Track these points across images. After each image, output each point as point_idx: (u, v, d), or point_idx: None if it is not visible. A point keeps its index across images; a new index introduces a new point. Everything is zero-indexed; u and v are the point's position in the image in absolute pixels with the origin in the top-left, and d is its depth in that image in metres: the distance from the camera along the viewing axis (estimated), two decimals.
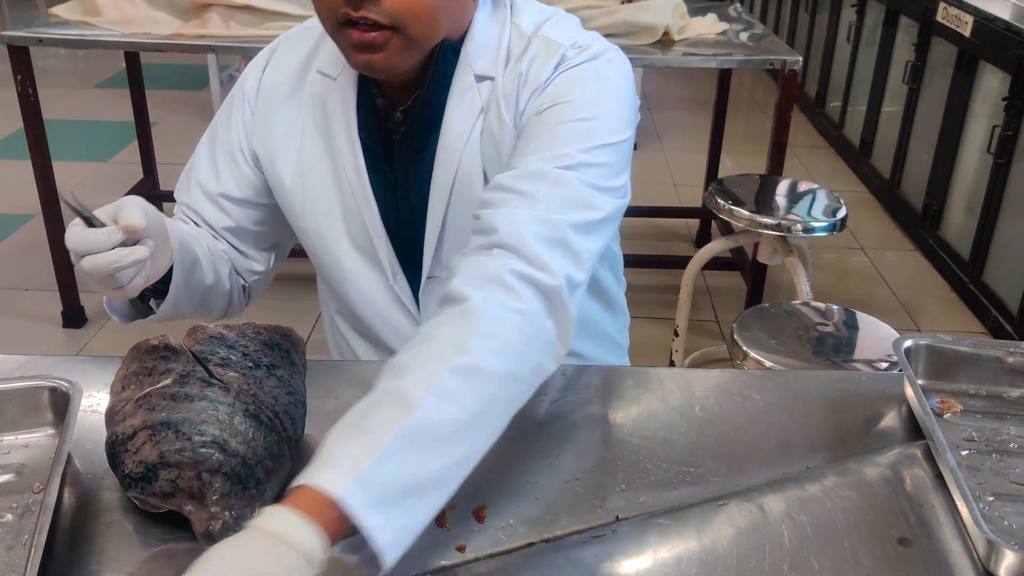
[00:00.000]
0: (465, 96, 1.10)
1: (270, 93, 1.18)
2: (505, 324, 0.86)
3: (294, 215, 1.19)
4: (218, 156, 1.21)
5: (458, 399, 0.80)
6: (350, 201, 1.15)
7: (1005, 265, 3.02)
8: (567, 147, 1.00)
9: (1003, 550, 0.81)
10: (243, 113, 1.19)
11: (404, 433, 0.76)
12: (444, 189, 1.12)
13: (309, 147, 1.16)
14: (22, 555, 0.81)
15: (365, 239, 1.17)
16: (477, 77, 1.09)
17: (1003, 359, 1.09)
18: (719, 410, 1.05)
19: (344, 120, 1.13)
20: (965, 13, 3.25)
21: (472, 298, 0.86)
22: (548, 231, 0.93)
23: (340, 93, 1.13)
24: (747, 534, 0.87)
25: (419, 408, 0.77)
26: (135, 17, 2.73)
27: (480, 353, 0.83)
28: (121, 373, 0.93)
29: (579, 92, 1.04)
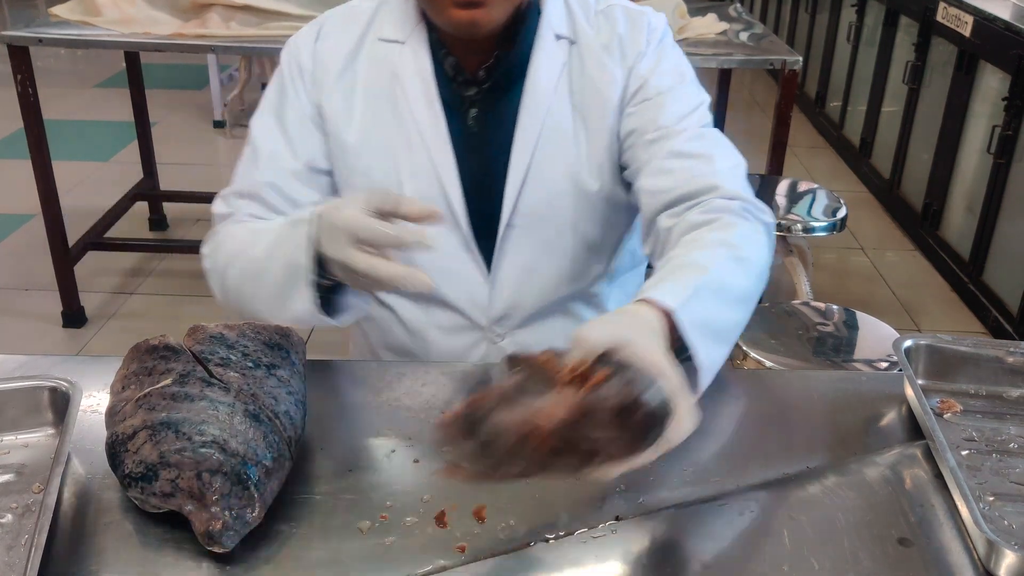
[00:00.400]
0: (549, 52, 1.18)
1: (326, 63, 1.21)
2: (754, 233, 1.04)
3: (356, 174, 1.20)
4: (290, 130, 1.21)
5: (737, 273, 0.98)
6: (420, 156, 1.18)
7: (1005, 265, 3.02)
8: (696, 108, 1.17)
9: (1003, 550, 0.80)
10: (303, 83, 1.21)
11: (705, 284, 0.93)
12: (530, 139, 1.18)
13: (373, 108, 1.19)
14: (22, 555, 0.81)
15: (437, 192, 1.19)
16: (556, 36, 1.18)
17: (1003, 359, 1.09)
18: (719, 410, 1.05)
19: (419, 78, 1.18)
20: (965, 13, 3.25)
21: (722, 216, 1.04)
22: (743, 178, 1.12)
23: (410, 55, 1.18)
24: (747, 534, 0.87)
25: (712, 271, 0.95)
26: (135, 17, 2.74)
27: (744, 247, 1.01)
28: (121, 373, 0.93)
29: (675, 60, 1.21)
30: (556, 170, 1.19)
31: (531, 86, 1.17)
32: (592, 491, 0.91)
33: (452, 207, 1.19)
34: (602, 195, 1.21)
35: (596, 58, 1.19)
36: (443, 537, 0.85)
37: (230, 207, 1.20)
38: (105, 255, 3.33)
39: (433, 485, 0.91)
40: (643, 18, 1.21)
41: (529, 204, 1.19)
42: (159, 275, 3.38)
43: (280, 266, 1.04)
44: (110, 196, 3.47)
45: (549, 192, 1.19)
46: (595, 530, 0.86)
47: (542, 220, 1.20)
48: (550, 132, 1.18)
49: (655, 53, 1.20)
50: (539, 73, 1.17)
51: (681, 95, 1.18)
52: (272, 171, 1.19)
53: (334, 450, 0.97)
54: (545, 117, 1.18)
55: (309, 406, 0.97)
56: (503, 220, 1.20)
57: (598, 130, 1.19)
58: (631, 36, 1.19)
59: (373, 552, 0.83)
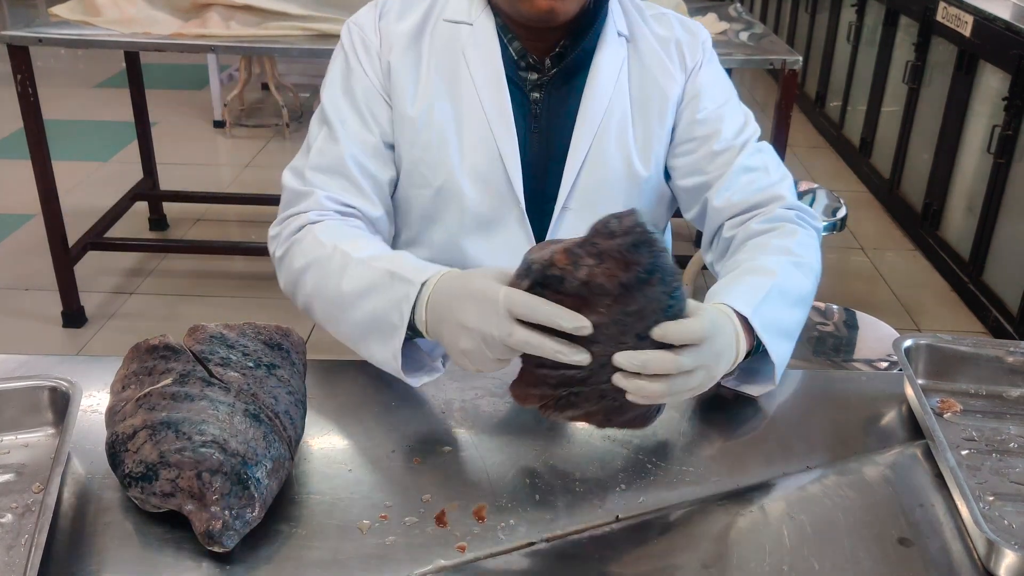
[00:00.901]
0: (612, 47, 1.24)
1: (390, 38, 1.23)
2: (810, 239, 1.17)
3: (416, 147, 1.22)
4: (361, 106, 1.23)
5: (798, 277, 1.10)
6: (483, 132, 1.21)
7: (1005, 265, 3.02)
8: (747, 122, 1.27)
9: (1003, 550, 0.81)
10: (369, 58, 1.23)
11: (773, 288, 1.04)
12: (592, 124, 1.23)
13: (437, 84, 1.22)
14: (22, 555, 0.81)
15: (498, 169, 1.22)
16: (618, 33, 1.25)
17: (1003, 359, 1.09)
18: (719, 410, 1.05)
19: (487, 58, 1.22)
20: (965, 13, 3.25)
21: (783, 225, 1.17)
22: (793, 187, 1.24)
23: (480, 36, 1.22)
24: (747, 534, 0.87)
25: (778, 276, 1.06)
26: (135, 17, 2.73)
27: (803, 254, 1.13)
28: (121, 373, 0.93)
29: (723, 75, 1.30)
30: (613, 156, 1.24)
31: (595, 76, 1.23)
32: (592, 491, 0.92)
33: (512, 184, 1.22)
34: (651, 183, 1.27)
35: (655, 54, 1.26)
36: (443, 537, 0.85)
37: (307, 183, 1.20)
38: (105, 255, 3.33)
39: (433, 485, 0.91)
40: (697, 29, 1.29)
41: (585, 188, 1.24)
42: (159, 275, 3.37)
43: (368, 313, 1.04)
44: (110, 196, 3.47)
45: (605, 177, 1.24)
46: (595, 530, 0.86)
47: (596, 204, 1.23)
48: (609, 121, 1.23)
49: (710, 65, 1.28)
50: (603, 65, 1.23)
51: (735, 109, 1.28)
52: (353, 145, 1.21)
53: (334, 450, 0.97)
54: (607, 106, 1.23)
55: (309, 406, 0.97)
56: (559, 202, 1.24)
57: (653, 121, 1.25)
58: (690, 43, 1.27)
59: (373, 552, 0.83)
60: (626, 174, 1.25)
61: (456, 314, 0.93)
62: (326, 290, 1.11)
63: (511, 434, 1.00)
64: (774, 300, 1.04)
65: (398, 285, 1.02)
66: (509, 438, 1.00)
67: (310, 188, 1.19)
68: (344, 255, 1.10)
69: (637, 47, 1.26)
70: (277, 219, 1.23)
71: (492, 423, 1.02)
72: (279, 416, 0.89)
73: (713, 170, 1.24)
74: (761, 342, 1.01)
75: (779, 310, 1.04)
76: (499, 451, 0.97)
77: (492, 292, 0.89)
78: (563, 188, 1.24)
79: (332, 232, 1.15)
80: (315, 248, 1.13)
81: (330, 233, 1.15)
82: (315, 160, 1.22)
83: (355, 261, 1.09)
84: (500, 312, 0.88)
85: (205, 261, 3.39)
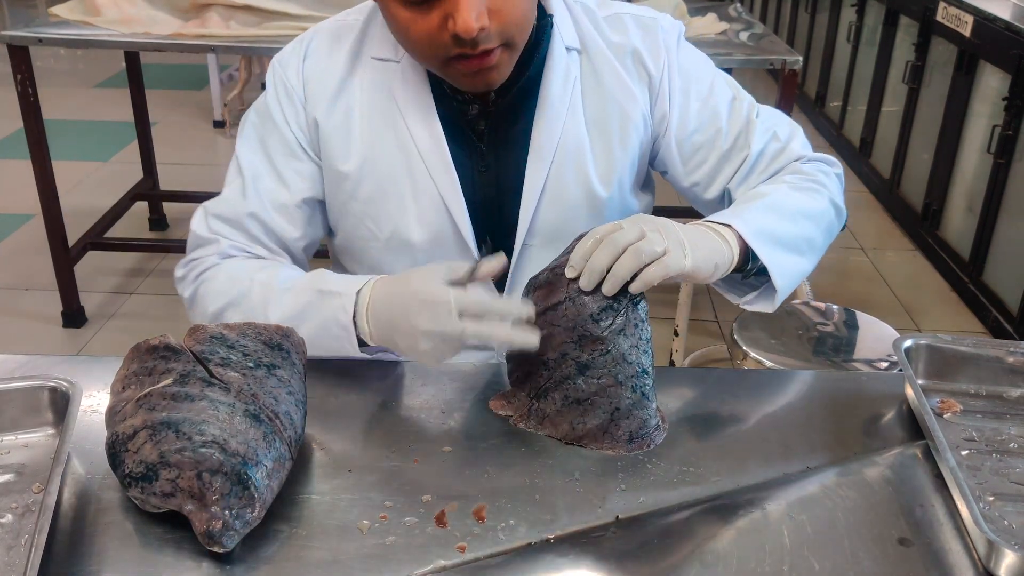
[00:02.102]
0: (561, 66, 1.15)
1: (316, 83, 1.16)
2: (818, 171, 1.20)
3: (355, 201, 1.17)
4: (277, 161, 1.17)
5: (795, 196, 1.13)
6: (423, 180, 1.15)
7: (1005, 265, 3.02)
8: (737, 97, 1.22)
9: (1003, 550, 0.81)
10: (292, 106, 1.16)
11: (762, 203, 1.09)
12: (546, 156, 1.15)
13: (372, 132, 1.15)
14: (22, 555, 0.81)
15: (443, 217, 1.16)
16: (567, 48, 1.16)
17: (1003, 359, 1.09)
18: (719, 410, 1.05)
19: (417, 97, 1.14)
20: (965, 13, 3.25)
21: (790, 166, 1.19)
22: (803, 138, 1.25)
23: (408, 73, 1.14)
24: (747, 534, 0.87)
25: (769, 195, 1.11)
26: (135, 17, 2.73)
27: (804, 182, 1.16)
28: (121, 373, 0.93)
29: (697, 56, 1.23)
30: (571, 187, 1.17)
31: (545, 101, 1.14)
32: (592, 491, 0.92)
33: (459, 229, 1.16)
34: (614, 203, 1.20)
35: (611, 67, 1.17)
36: (443, 537, 0.85)
37: (211, 231, 1.16)
38: (105, 255, 3.33)
39: (433, 485, 0.91)
40: (655, 24, 1.19)
41: (544, 222, 1.17)
42: (159, 275, 3.37)
43: (306, 335, 1.03)
44: (110, 196, 3.47)
45: (564, 210, 1.17)
46: (595, 530, 0.86)
47: (557, 238, 1.17)
48: (564, 150, 1.16)
49: (680, 59, 1.19)
50: (552, 89, 1.14)
51: (722, 90, 1.21)
52: (258, 202, 1.16)
53: (334, 450, 0.97)
54: (559, 135, 1.15)
55: (309, 406, 0.97)
56: (518, 239, 1.18)
57: (613, 143, 1.18)
58: (650, 49, 1.18)
59: (373, 552, 0.83)
60: (586, 202, 1.18)
61: (409, 320, 0.97)
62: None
63: (511, 434, 1.00)
64: (762, 211, 1.08)
65: (330, 300, 1.05)
66: (509, 438, 1.00)
67: (215, 236, 1.16)
68: (264, 286, 1.09)
69: (591, 59, 1.17)
70: (183, 260, 1.19)
71: (492, 423, 1.02)
72: (279, 416, 0.89)
73: (729, 169, 1.21)
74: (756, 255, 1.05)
75: (769, 220, 1.08)
76: (499, 451, 0.97)
77: (442, 295, 0.95)
78: (521, 225, 1.17)
79: (243, 268, 1.13)
80: (230, 286, 1.11)
81: (241, 269, 1.12)
82: (219, 208, 1.17)
83: (278, 290, 1.09)
84: (453, 313, 0.94)
85: None
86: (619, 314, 0.96)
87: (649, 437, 0.98)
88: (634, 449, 0.97)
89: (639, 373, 0.97)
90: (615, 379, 0.96)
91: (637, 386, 0.97)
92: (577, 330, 0.96)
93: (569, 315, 0.97)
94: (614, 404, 0.96)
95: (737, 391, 1.08)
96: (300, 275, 1.12)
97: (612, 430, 0.97)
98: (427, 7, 0.99)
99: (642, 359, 0.97)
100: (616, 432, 0.97)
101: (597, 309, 0.96)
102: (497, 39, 1.01)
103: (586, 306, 0.96)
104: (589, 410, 0.97)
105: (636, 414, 0.97)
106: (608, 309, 0.96)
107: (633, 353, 0.97)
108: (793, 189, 1.14)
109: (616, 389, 0.96)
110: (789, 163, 1.20)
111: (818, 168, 1.20)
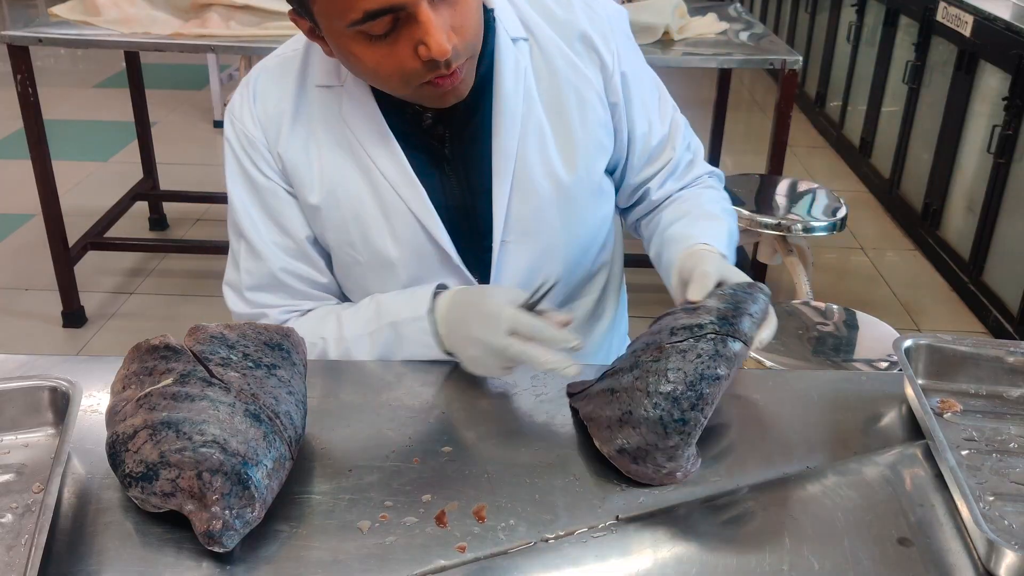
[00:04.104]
0: (510, 58, 1.14)
1: (270, 122, 1.15)
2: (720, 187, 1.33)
3: (330, 230, 1.17)
4: (270, 211, 1.17)
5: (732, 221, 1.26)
6: (390, 197, 1.14)
7: (1005, 265, 3.02)
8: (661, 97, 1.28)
9: (1003, 550, 0.80)
10: (259, 153, 1.15)
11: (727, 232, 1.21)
12: (509, 154, 1.15)
13: (331, 160, 1.14)
14: (22, 555, 0.81)
15: (417, 230, 1.16)
16: (512, 39, 1.15)
17: (1003, 359, 1.09)
18: (719, 410, 1.05)
19: (366, 117, 1.13)
20: (965, 13, 3.25)
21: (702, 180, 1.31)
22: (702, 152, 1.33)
23: (353, 96, 1.13)
24: (747, 534, 0.87)
25: (724, 220, 1.23)
26: (135, 17, 2.73)
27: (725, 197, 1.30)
28: (121, 373, 0.93)
29: (635, 47, 1.24)
30: (539, 180, 1.17)
31: (500, 99, 1.13)
32: (592, 491, 0.92)
33: (436, 240, 1.16)
34: (581, 184, 1.19)
35: (561, 53, 1.17)
36: (443, 537, 0.85)
37: (255, 305, 1.19)
38: (105, 255, 3.33)
39: (433, 485, 0.91)
40: (603, 10, 1.19)
41: (518, 218, 1.17)
42: (159, 275, 3.38)
43: (400, 361, 1.12)
44: (110, 196, 3.47)
45: (537, 201, 1.17)
46: (595, 530, 0.86)
47: (533, 230, 1.18)
48: (527, 140, 1.15)
49: (627, 57, 1.20)
50: (505, 84, 1.13)
51: (655, 87, 1.27)
52: (278, 257, 1.17)
53: (334, 450, 0.97)
54: (519, 128, 1.15)
55: (309, 406, 0.97)
56: (496, 237, 1.17)
57: (574, 125, 1.17)
58: (599, 32, 1.18)
59: (373, 552, 0.83)
60: (555, 189, 1.18)
61: (467, 325, 1.05)
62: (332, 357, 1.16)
63: (511, 434, 1.00)
64: (729, 242, 1.21)
65: (405, 328, 1.12)
66: (509, 438, 1.00)
67: (260, 311, 1.18)
68: (337, 342, 1.15)
69: (539, 45, 1.17)
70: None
71: (492, 423, 1.02)
72: (279, 416, 0.89)
73: (652, 168, 1.26)
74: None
75: (730, 248, 1.21)
76: (499, 451, 0.97)
77: (499, 310, 1.02)
78: (496, 223, 1.16)
79: (307, 332, 1.12)
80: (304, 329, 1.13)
81: (306, 334, 1.11)
82: (249, 281, 1.18)
83: (350, 340, 1.15)
84: (502, 328, 1.01)
85: (205, 261, 3.39)
86: (696, 338, 0.94)
87: (643, 464, 0.92)
88: (613, 460, 0.93)
89: (670, 397, 0.91)
90: (645, 386, 0.93)
91: (660, 405, 0.91)
92: (656, 335, 0.98)
93: (662, 323, 1.01)
94: (629, 407, 0.93)
95: (737, 391, 1.08)
96: (358, 315, 1.16)
97: (614, 429, 0.94)
98: (392, 39, 0.98)
99: (686, 390, 0.91)
100: (615, 435, 0.94)
101: (680, 325, 0.97)
102: (464, 54, 1.02)
103: (677, 319, 0.98)
104: (612, 402, 0.95)
105: (645, 432, 0.91)
106: (687, 329, 0.96)
107: (678, 377, 0.92)
108: (728, 213, 1.27)
109: (640, 396, 0.92)
110: (700, 176, 1.31)
111: (723, 194, 1.32)
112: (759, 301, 1.01)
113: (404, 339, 1.12)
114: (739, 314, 0.97)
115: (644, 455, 0.91)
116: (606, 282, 1.33)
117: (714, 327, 0.95)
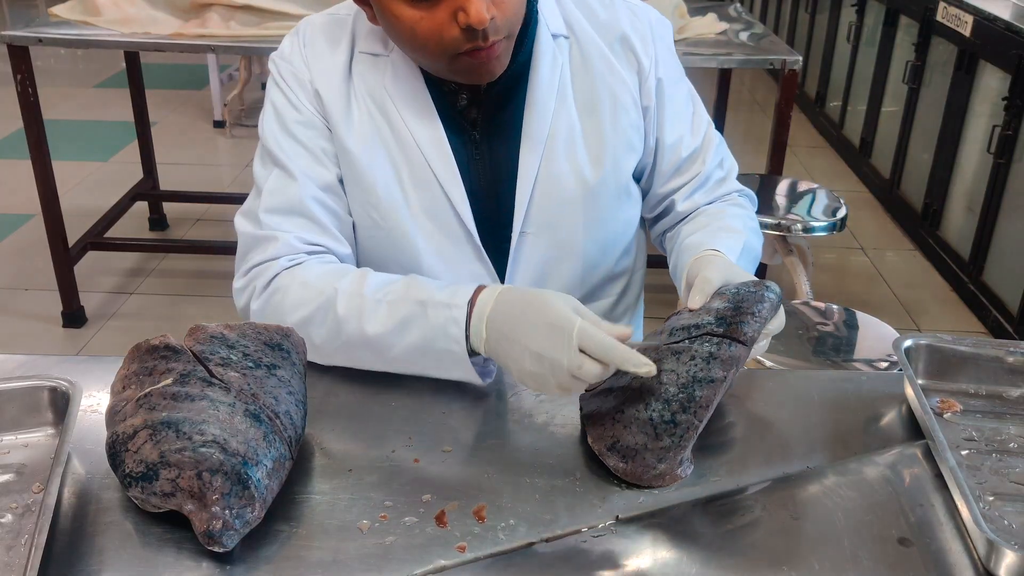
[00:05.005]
0: (549, 54, 1.16)
1: (319, 70, 1.16)
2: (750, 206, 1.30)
3: (359, 184, 1.16)
4: (309, 143, 1.15)
5: (754, 240, 1.23)
6: (423, 170, 1.15)
7: (1005, 265, 3.02)
8: (696, 112, 1.26)
9: (1003, 550, 0.81)
10: (304, 90, 1.15)
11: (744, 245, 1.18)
12: (537, 144, 1.16)
13: (371, 123, 1.15)
14: (22, 555, 0.81)
15: (444, 205, 1.16)
16: (553, 35, 1.17)
17: (1003, 359, 1.09)
18: (719, 410, 1.05)
19: (409, 89, 1.14)
20: (965, 13, 3.25)
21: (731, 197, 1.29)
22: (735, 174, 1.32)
23: (399, 66, 1.14)
24: (747, 534, 0.87)
25: (743, 233, 1.18)
26: (135, 17, 2.73)
27: (754, 219, 1.27)
28: (121, 373, 0.93)
29: (676, 60, 1.25)
30: (564, 174, 1.17)
31: (534, 92, 1.15)
32: (592, 491, 0.92)
33: (462, 220, 1.16)
34: (607, 185, 1.20)
35: (599, 53, 1.18)
36: (443, 537, 0.85)
37: (267, 227, 1.13)
38: (105, 255, 3.33)
39: (433, 485, 0.91)
40: (646, 16, 1.21)
41: (540, 209, 1.18)
42: (159, 275, 3.37)
43: (410, 346, 1.02)
44: (110, 196, 3.47)
45: (560, 196, 1.18)
46: (595, 530, 0.87)
47: (554, 224, 1.18)
48: (556, 137, 1.16)
49: (666, 64, 1.21)
50: (541, 77, 1.15)
51: (687, 100, 1.25)
52: (311, 183, 1.14)
53: (334, 450, 0.97)
54: (551, 121, 1.16)
55: (309, 406, 0.97)
56: (515, 227, 1.18)
57: (605, 125, 1.18)
58: (641, 37, 1.19)
59: (373, 552, 0.83)
60: (580, 186, 1.18)
61: (528, 334, 0.94)
62: (344, 336, 1.06)
63: (511, 434, 1.00)
64: (744, 256, 1.17)
65: (436, 311, 1.01)
66: (509, 438, 1.00)
67: (271, 232, 1.12)
68: (351, 296, 1.06)
69: (579, 44, 1.18)
70: (239, 270, 1.15)
71: (492, 423, 1.02)
72: (279, 416, 0.89)
73: (681, 179, 1.25)
74: None
75: (746, 263, 1.18)
76: (499, 451, 0.97)
77: (568, 323, 0.92)
78: (517, 213, 1.17)
79: (320, 274, 1.09)
80: (310, 295, 1.07)
81: (318, 276, 1.09)
82: (269, 202, 1.14)
83: (370, 301, 1.05)
84: (572, 344, 0.91)
85: (205, 261, 3.39)
86: (692, 339, 0.94)
87: (632, 463, 0.92)
88: (603, 457, 0.93)
89: (661, 398, 0.92)
90: (639, 386, 0.93)
91: (652, 406, 0.92)
92: (657, 336, 0.99)
93: (666, 324, 1.01)
94: (621, 406, 0.94)
95: (737, 391, 1.08)
96: (388, 283, 1.07)
97: (607, 427, 0.94)
98: (434, 4, 1.00)
99: (677, 392, 0.91)
100: (606, 432, 0.94)
101: (679, 326, 0.97)
102: (503, 30, 1.04)
103: (679, 319, 0.99)
104: (607, 400, 0.96)
105: (635, 432, 0.92)
106: (685, 330, 0.96)
107: (670, 378, 0.92)
108: (754, 233, 1.24)
109: (633, 395, 0.94)
110: (729, 193, 1.28)
111: (750, 213, 1.29)
112: (765, 300, 0.97)
113: (427, 322, 1.01)
114: (740, 314, 0.96)
115: (633, 454, 0.92)
116: (623, 289, 1.32)
117: (711, 328, 0.95)
